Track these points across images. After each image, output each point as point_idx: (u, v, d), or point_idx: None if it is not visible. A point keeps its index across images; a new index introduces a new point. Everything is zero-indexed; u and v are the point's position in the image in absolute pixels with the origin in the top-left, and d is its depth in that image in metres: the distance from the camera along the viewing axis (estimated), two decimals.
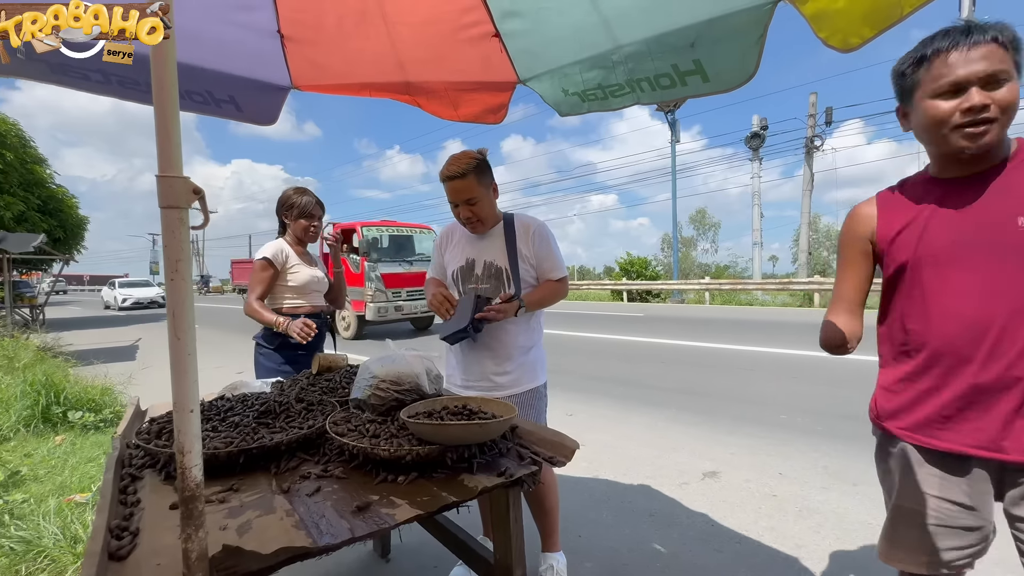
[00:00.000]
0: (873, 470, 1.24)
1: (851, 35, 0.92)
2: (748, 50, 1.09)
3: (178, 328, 0.69)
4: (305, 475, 1.10)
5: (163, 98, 0.67)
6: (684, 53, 1.21)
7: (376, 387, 1.31)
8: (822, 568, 1.89)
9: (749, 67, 1.11)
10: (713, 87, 1.19)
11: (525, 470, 1.14)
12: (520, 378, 1.75)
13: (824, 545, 2.04)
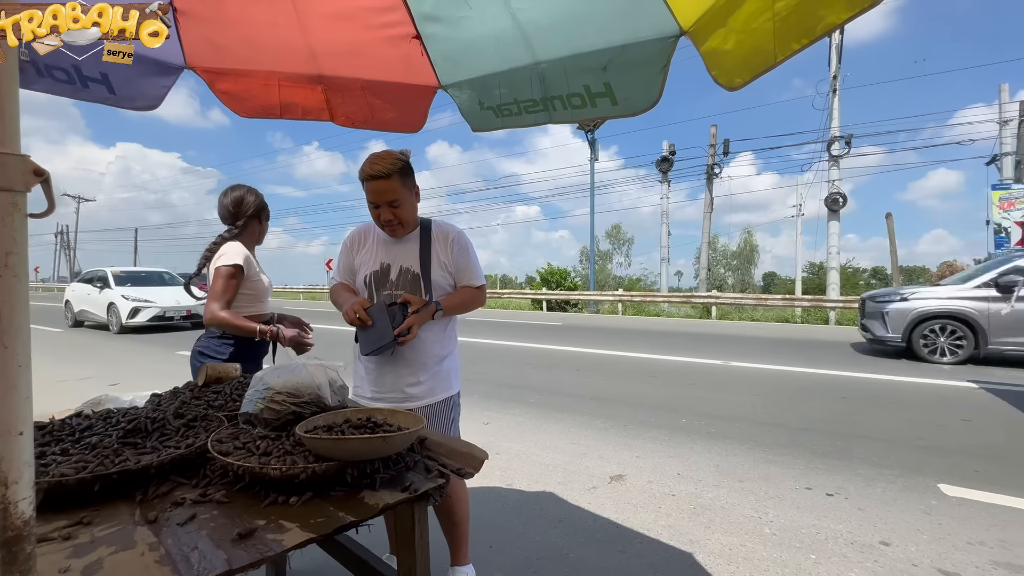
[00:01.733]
0: (756, 467, 1.34)
1: (735, 76, 1.01)
2: (653, 78, 1.17)
3: (6, 334, 0.58)
4: (178, 501, 0.97)
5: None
6: (596, 75, 1.27)
7: (271, 400, 1.20)
8: (712, 561, 2.04)
9: (653, 94, 1.19)
10: (620, 111, 1.26)
11: (431, 483, 1.11)
12: (434, 388, 1.70)
13: (714, 539, 2.21)
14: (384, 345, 1.50)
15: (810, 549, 2.12)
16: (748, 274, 40.57)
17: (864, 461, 3.12)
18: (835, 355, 7.26)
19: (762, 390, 5.06)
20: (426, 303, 1.59)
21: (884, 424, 3.91)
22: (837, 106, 14.88)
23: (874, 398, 4.74)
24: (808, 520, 2.38)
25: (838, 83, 14.79)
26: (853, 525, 2.32)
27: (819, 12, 0.84)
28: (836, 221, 14.87)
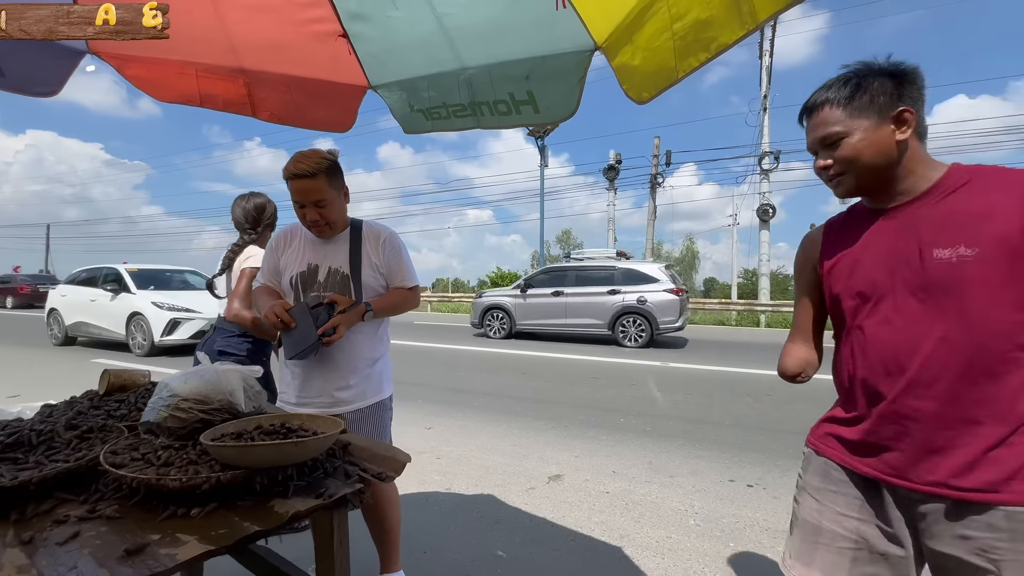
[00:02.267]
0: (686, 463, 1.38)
1: (643, 90, 1.08)
2: (572, 88, 1.22)
3: None
4: (60, 519, 0.90)
5: None
6: (520, 83, 1.30)
7: (175, 407, 1.13)
8: (640, 553, 2.12)
9: (572, 104, 1.24)
10: (543, 118, 1.30)
11: (348, 488, 1.08)
12: (365, 391, 1.67)
13: (643, 533, 2.30)
14: (308, 347, 1.46)
15: (729, 537, 2.26)
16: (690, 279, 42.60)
17: (782, 454, 3.36)
18: (764, 355, 7.76)
19: (696, 389, 5.33)
20: (354, 303, 1.56)
21: (803, 418, 4.22)
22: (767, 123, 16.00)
23: (796, 394, 5.11)
24: (729, 511, 2.52)
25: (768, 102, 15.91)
26: (768, 513, 2.49)
27: (711, 33, 0.91)
28: (767, 230, 15.95)
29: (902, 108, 0.86)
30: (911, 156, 0.89)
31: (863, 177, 0.91)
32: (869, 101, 0.87)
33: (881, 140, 0.88)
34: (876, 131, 0.88)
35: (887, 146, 0.88)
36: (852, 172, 0.91)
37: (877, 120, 0.87)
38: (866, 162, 0.89)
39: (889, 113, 0.87)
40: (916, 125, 0.88)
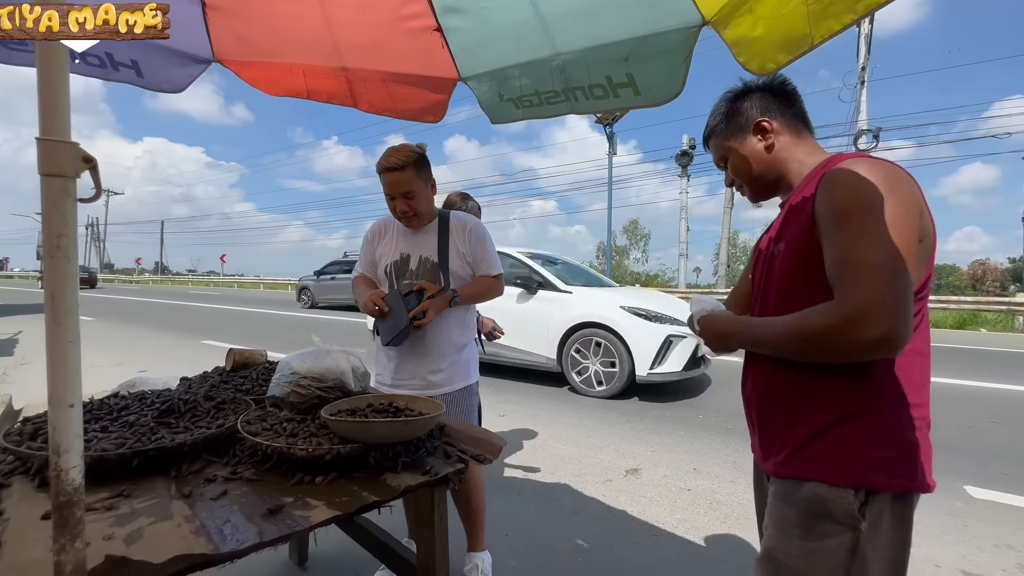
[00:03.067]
0: None
1: (767, 61, 1.00)
2: (676, 68, 1.16)
3: (57, 313, 0.62)
4: (211, 478, 1.02)
5: (48, 49, 0.59)
6: (618, 66, 1.26)
7: (296, 384, 1.24)
8: (731, 556, 2.04)
9: (676, 84, 1.18)
10: (644, 101, 1.26)
11: (450, 468, 1.13)
12: (453, 376, 1.73)
13: (731, 536, 2.20)
14: (400, 332, 1.54)
15: None
16: None
17: None
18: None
19: None
20: (442, 289, 1.62)
21: None
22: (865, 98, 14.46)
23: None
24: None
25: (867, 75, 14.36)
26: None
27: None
28: None
29: (759, 119, 0.97)
30: (789, 156, 0.97)
31: (755, 185, 1.02)
32: (736, 123, 1.00)
33: (752, 151, 0.99)
34: (745, 145, 0.99)
35: (759, 155, 0.98)
36: (746, 183, 1.03)
37: (744, 136, 0.99)
38: (750, 173, 1.00)
39: (751, 127, 0.98)
40: (781, 128, 0.97)
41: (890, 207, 0.76)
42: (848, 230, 0.77)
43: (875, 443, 0.82)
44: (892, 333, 0.72)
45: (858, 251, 0.75)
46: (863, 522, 0.80)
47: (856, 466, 0.81)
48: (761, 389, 0.97)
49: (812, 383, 0.86)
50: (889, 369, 0.83)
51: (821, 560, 0.82)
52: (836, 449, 0.83)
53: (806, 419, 0.87)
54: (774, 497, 0.91)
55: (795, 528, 0.85)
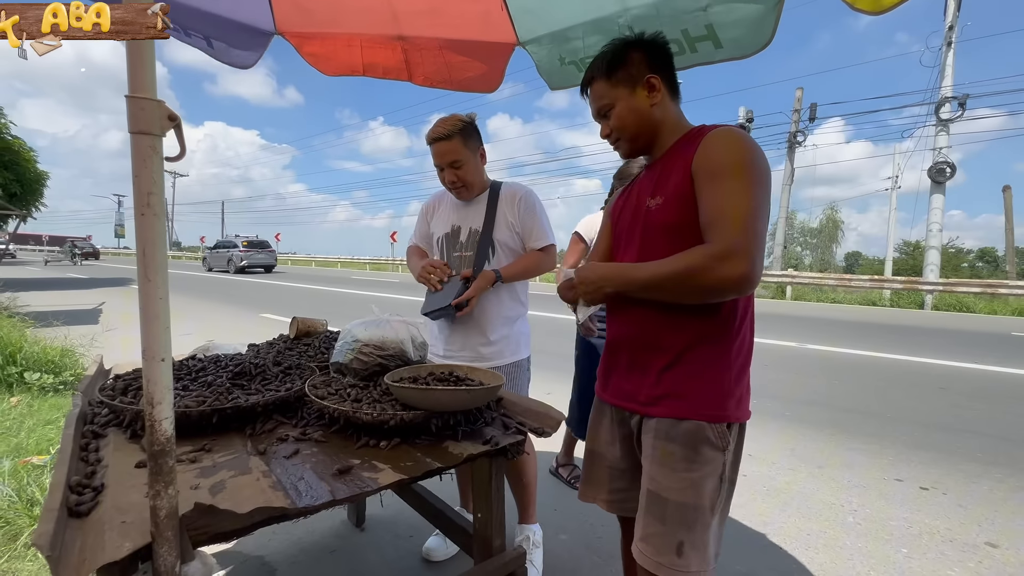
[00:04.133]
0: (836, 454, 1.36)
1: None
2: (766, 15, 1.05)
3: (149, 269, 0.63)
4: (282, 438, 1.06)
5: None
6: (696, 17, 1.16)
7: (359, 351, 1.26)
8: (788, 543, 1.95)
9: (765, 34, 1.07)
10: (726, 54, 1.16)
11: (510, 439, 1.12)
12: (503, 350, 1.72)
13: (790, 523, 2.11)
14: (439, 310, 1.57)
15: (901, 542, 1.97)
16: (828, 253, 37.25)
17: (966, 457, 2.83)
18: (931, 342, 6.58)
19: (843, 375, 4.70)
20: (474, 272, 1.61)
21: (991, 419, 3.51)
22: (951, 62, 13.03)
23: (980, 390, 4.26)
24: (899, 513, 2.20)
25: (955, 35, 12.90)
26: (953, 522, 2.12)
27: None
28: (940, 195, 13.24)
29: (649, 75, 0.98)
30: (666, 116, 1.01)
31: (634, 139, 1.03)
32: (628, 73, 0.99)
33: (638, 106, 1.00)
34: (634, 99, 1.00)
35: (644, 111, 1.00)
36: (624, 137, 1.03)
37: (632, 88, 0.99)
38: (631, 126, 1.01)
39: (640, 81, 0.99)
40: (664, 89, 0.99)
41: (756, 172, 0.88)
42: (725, 184, 0.88)
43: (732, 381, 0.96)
44: (752, 273, 0.83)
45: (731, 202, 0.86)
46: (730, 442, 0.96)
47: (725, 403, 0.95)
48: (632, 332, 1.03)
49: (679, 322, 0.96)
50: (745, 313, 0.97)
51: (703, 486, 0.93)
52: (705, 389, 0.95)
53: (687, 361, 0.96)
54: (655, 437, 0.98)
55: (680, 461, 0.94)
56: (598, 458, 1.15)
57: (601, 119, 1.06)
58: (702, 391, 0.95)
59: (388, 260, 27.60)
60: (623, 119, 1.01)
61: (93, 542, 0.68)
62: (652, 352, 1.00)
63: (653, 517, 0.96)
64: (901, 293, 12.75)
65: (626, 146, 1.05)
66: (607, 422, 1.13)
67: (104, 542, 0.67)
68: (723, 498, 0.97)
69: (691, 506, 0.93)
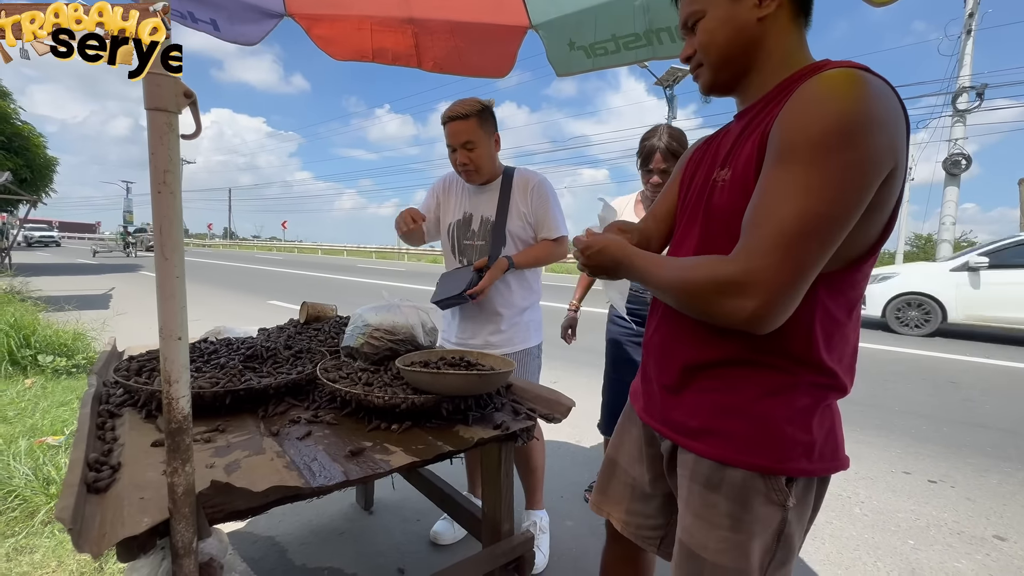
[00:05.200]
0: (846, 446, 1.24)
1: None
2: None
3: (166, 247, 0.63)
4: (294, 420, 1.06)
5: None
6: None
7: (370, 335, 1.26)
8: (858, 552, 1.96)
9: None
10: None
11: (520, 424, 1.13)
12: (512, 337, 1.72)
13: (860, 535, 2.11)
14: (451, 298, 1.58)
15: (908, 534, 1.97)
16: None
17: (976, 450, 2.81)
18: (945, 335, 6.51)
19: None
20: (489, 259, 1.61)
21: (1002, 413, 3.48)
22: (970, 50, 12.73)
23: (991, 385, 4.22)
24: (906, 505, 2.20)
25: (975, 22, 12.59)
26: (961, 515, 2.12)
27: None
28: (955, 187, 13.02)
29: None
30: (777, 42, 0.71)
31: (717, 68, 0.75)
32: None
33: (737, 18, 0.71)
34: (732, 5, 0.71)
35: (743, 26, 0.71)
36: (707, 59, 0.75)
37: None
38: (720, 44, 0.73)
39: None
40: (786, 1, 0.70)
41: (855, 154, 0.58)
42: (783, 171, 0.62)
43: (801, 419, 0.71)
44: (766, 313, 0.62)
45: (774, 204, 0.61)
46: (790, 498, 0.72)
47: (784, 451, 0.71)
48: (671, 339, 0.81)
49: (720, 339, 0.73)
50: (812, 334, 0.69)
51: (749, 548, 0.72)
52: (758, 428, 0.72)
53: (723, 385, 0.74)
54: (692, 480, 0.77)
55: (723, 517, 0.73)
56: (620, 472, 0.99)
57: (687, 33, 0.79)
58: (754, 431, 0.71)
59: (394, 249, 27.65)
60: (711, 33, 0.73)
61: (113, 517, 0.69)
62: (684, 362, 0.78)
63: (684, 574, 0.78)
64: None
65: (707, 74, 0.77)
66: (636, 434, 0.96)
67: (123, 517, 0.68)
68: (778, 559, 0.74)
69: (732, 569, 0.73)
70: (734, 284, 0.63)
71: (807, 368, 0.71)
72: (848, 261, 0.67)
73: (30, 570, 1.56)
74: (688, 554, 0.77)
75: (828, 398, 0.73)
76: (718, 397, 0.75)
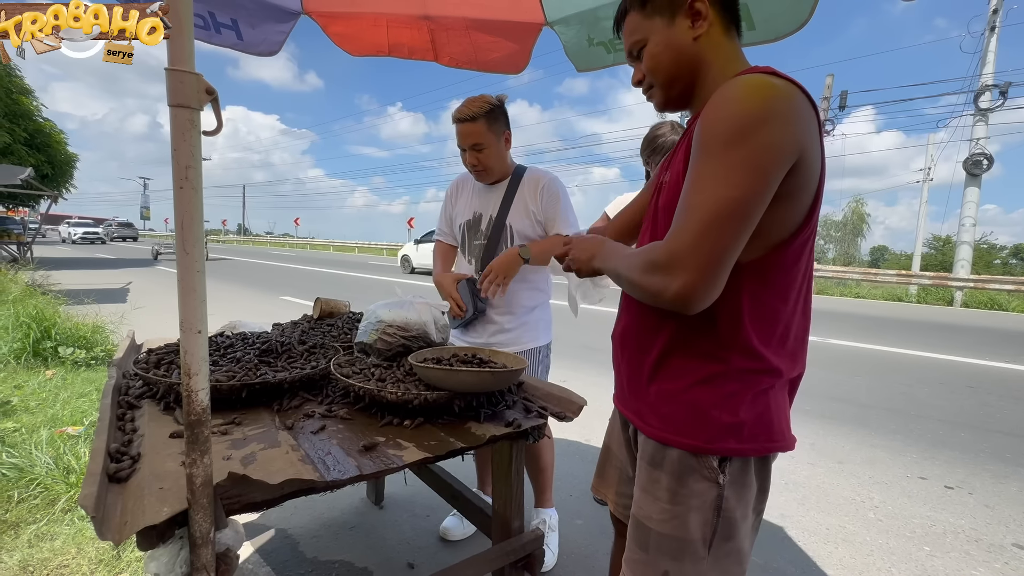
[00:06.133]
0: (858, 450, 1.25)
1: None
2: None
3: (187, 241, 0.64)
4: (309, 414, 1.07)
5: None
6: None
7: (383, 332, 1.27)
8: (807, 538, 1.93)
9: (803, 11, 1.03)
10: (759, 36, 1.11)
11: (532, 422, 1.13)
12: (520, 336, 1.72)
13: (809, 517, 2.09)
14: (467, 319, 1.62)
15: (923, 540, 1.94)
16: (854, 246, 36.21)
17: (994, 457, 2.76)
18: (960, 340, 6.38)
19: (865, 371, 4.60)
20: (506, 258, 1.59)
21: (1022, 418, 3.40)
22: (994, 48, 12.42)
23: (1010, 390, 4.13)
24: (921, 511, 2.16)
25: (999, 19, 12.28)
26: (979, 522, 2.07)
27: None
28: (976, 188, 12.73)
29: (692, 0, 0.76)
30: (714, 55, 0.78)
31: (669, 84, 0.82)
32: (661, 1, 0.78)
33: (676, 41, 0.78)
34: (669, 31, 0.78)
35: (682, 47, 0.78)
36: (656, 81, 0.83)
37: (670, 17, 0.78)
38: (665, 67, 0.81)
39: (681, 7, 0.77)
40: (716, 18, 0.77)
41: (756, 145, 0.65)
42: (700, 165, 0.69)
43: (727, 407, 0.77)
44: (688, 289, 0.68)
45: (694, 193, 0.69)
46: (724, 477, 0.78)
47: (712, 432, 0.77)
48: (628, 330, 0.90)
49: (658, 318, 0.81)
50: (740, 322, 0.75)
51: (687, 519, 0.79)
52: (686, 411, 0.79)
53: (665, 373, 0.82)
54: (641, 458, 0.86)
55: (663, 491, 0.81)
56: (612, 456, 1.07)
57: (633, 61, 0.86)
58: (684, 413, 0.79)
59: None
60: (656, 58, 0.80)
61: (133, 506, 0.70)
62: (637, 352, 0.87)
63: (635, 543, 0.85)
64: (929, 289, 12.38)
65: (659, 94, 0.84)
66: (619, 421, 1.04)
67: (144, 506, 0.69)
68: (721, 534, 0.79)
69: (674, 538, 0.80)
70: (661, 264, 0.70)
71: (737, 353, 0.76)
72: (771, 247, 0.72)
73: (50, 556, 1.60)
74: (637, 524, 0.85)
75: (761, 383, 0.78)
76: (663, 384, 0.82)
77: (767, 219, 0.69)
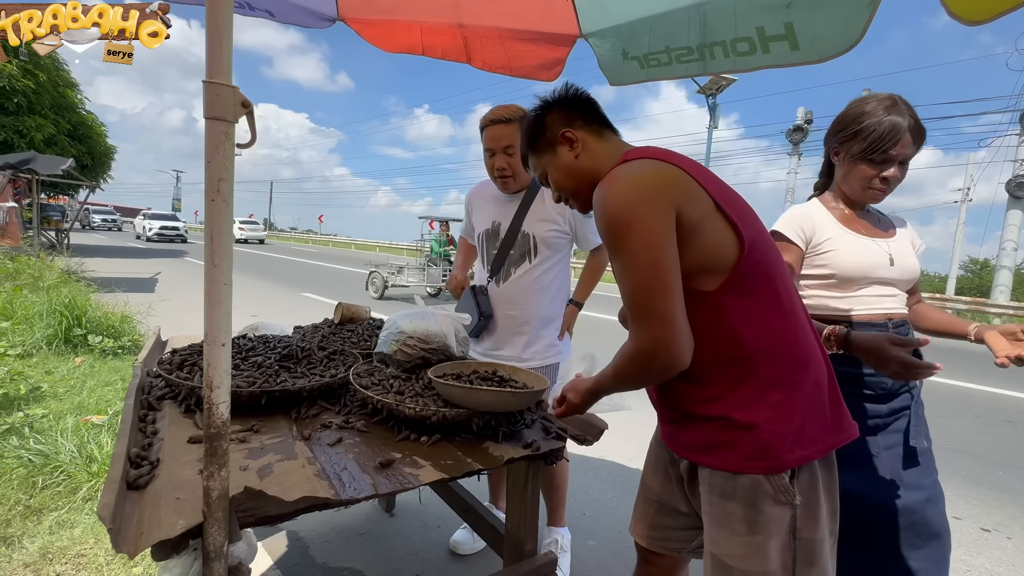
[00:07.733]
0: None
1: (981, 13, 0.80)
2: (857, 13, 0.96)
3: (215, 254, 0.64)
4: (326, 424, 1.07)
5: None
6: (776, 13, 1.08)
7: (403, 343, 1.26)
8: None
9: (854, 33, 0.98)
10: (802, 57, 1.07)
11: (551, 444, 1.10)
12: (540, 351, 1.69)
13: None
14: (474, 325, 1.63)
15: None
16: None
17: None
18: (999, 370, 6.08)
19: None
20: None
21: None
22: None
23: None
24: (955, 554, 2.03)
25: None
26: (1019, 570, 1.96)
27: None
28: (1019, 211, 12.22)
29: (563, 130, 0.94)
30: (596, 162, 0.93)
31: (578, 194, 0.98)
32: (545, 139, 0.97)
33: (565, 163, 0.96)
34: (557, 159, 0.96)
35: (571, 166, 0.95)
36: (571, 195, 0.99)
37: (553, 150, 0.96)
38: (569, 185, 0.97)
39: (556, 139, 0.95)
40: (585, 136, 0.94)
41: (636, 231, 0.76)
42: (612, 262, 0.82)
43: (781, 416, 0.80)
44: (669, 357, 0.76)
45: (625, 287, 0.79)
46: (797, 497, 0.80)
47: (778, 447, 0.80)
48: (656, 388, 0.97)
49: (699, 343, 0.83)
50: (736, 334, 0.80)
51: (767, 549, 0.80)
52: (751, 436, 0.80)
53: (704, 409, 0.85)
54: (710, 492, 0.86)
55: (740, 523, 0.82)
56: (646, 489, 1.08)
57: (547, 186, 1.03)
58: (749, 439, 0.80)
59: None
60: (558, 180, 0.98)
61: (150, 516, 0.70)
62: (677, 406, 0.90)
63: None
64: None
65: (577, 203, 1.00)
66: (662, 456, 1.04)
67: (160, 518, 0.69)
68: (801, 559, 0.81)
69: (758, 572, 0.81)
70: (631, 348, 0.79)
71: (758, 361, 0.80)
72: (727, 270, 0.79)
73: (69, 544, 1.63)
74: (719, 564, 0.85)
75: (797, 377, 0.81)
76: (709, 415, 0.85)
77: (697, 256, 0.79)
